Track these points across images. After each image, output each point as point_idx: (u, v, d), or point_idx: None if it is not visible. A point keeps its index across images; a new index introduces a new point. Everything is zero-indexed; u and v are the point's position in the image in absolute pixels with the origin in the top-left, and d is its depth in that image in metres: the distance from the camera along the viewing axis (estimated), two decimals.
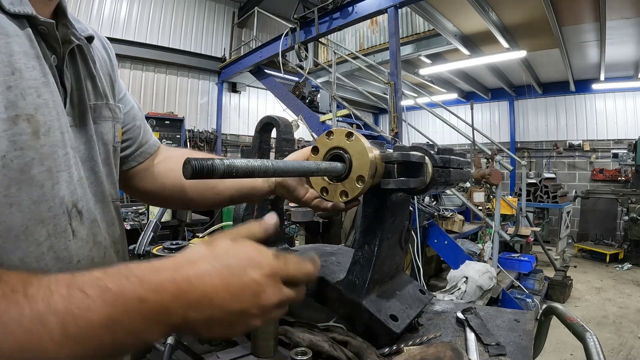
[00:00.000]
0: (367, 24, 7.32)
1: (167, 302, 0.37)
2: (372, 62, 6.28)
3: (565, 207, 6.83)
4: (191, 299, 0.38)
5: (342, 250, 1.09)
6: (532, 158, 9.55)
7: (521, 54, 6.53)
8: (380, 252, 0.80)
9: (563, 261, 6.09)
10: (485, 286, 3.55)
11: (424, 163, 0.69)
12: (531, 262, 4.95)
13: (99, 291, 0.35)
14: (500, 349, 0.77)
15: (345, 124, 6.45)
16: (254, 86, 9.15)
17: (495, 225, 4.26)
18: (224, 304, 0.39)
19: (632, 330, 4.09)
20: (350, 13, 5.23)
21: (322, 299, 0.86)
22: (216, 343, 0.80)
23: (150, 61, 7.83)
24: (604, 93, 8.56)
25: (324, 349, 0.73)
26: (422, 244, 4.25)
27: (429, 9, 5.43)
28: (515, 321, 0.91)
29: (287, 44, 6.16)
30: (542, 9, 4.95)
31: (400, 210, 0.84)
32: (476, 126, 5.39)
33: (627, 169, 7.96)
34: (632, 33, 5.87)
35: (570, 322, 0.76)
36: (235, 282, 0.40)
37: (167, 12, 8.11)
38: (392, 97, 4.64)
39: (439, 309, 0.99)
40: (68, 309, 0.33)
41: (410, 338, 0.82)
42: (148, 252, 1.07)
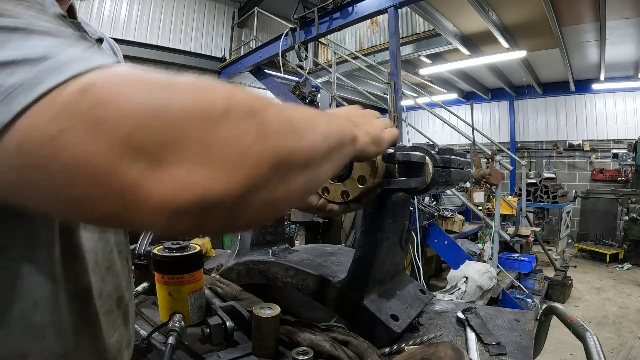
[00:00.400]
0: (367, 24, 7.32)
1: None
2: (372, 62, 6.28)
3: (565, 207, 6.83)
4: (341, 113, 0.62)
5: (342, 250, 1.10)
6: (532, 158, 9.55)
7: (521, 54, 6.53)
8: (380, 252, 0.80)
9: (563, 261, 6.09)
10: (485, 286, 3.56)
11: (424, 163, 0.69)
12: (531, 262, 4.95)
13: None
14: (501, 349, 0.77)
15: None
16: (254, 86, 9.12)
17: (495, 225, 4.26)
18: (355, 110, 0.63)
19: (632, 330, 4.09)
20: (350, 13, 5.23)
21: (322, 298, 0.87)
22: (217, 343, 0.80)
23: (150, 61, 7.82)
24: (604, 93, 8.55)
25: (324, 348, 0.73)
26: (422, 244, 4.25)
27: (429, 9, 5.43)
28: (516, 321, 0.91)
29: (287, 44, 6.16)
30: (542, 9, 4.95)
31: (401, 210, 0.84)
32: (476, 126, 5.39)
33: (627, 169, 7.95)
34: (632, 33, 5.87)
35: (570, 322, 0.77)
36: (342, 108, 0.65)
37: (167, 12, 8.11)
38: (392, 97, 4.64)
39: (439, 309, 0.99)
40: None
41: (411, 338, 0.82)
42: (149, 251, 1.08)
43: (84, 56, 0.31)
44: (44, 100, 0.28)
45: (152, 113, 0.28)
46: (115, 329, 0.57)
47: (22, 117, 0.28)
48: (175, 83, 0.31)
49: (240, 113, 0.32)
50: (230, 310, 0.87)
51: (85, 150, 0.27)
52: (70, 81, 0.29)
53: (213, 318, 0.82)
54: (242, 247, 1.06)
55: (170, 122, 0.29)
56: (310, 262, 0.94)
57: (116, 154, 0.27)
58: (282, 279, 0.93)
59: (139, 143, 0.27)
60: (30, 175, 0.28)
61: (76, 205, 0.29)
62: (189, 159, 0.29)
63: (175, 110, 0.29)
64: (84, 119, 0.27)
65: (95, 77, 0.29)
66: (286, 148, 0.35)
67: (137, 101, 0.28)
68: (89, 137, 0.27)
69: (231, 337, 0.81)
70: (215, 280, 1.02)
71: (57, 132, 0.27)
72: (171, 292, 0.84)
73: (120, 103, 0.28)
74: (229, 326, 0.80)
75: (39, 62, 0.29)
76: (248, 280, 1.01)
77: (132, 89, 0.29)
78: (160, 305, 0.86)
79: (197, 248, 0.87)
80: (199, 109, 0.30)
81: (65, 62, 0.30)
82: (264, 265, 0.97)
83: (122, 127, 0.27)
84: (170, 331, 0.74)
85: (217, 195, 0.30)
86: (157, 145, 0.28)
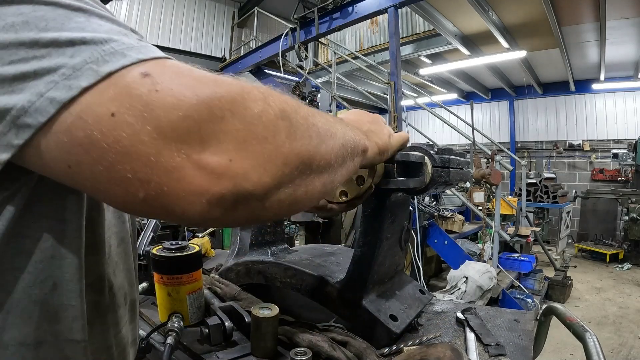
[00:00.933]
0: (367, 24, 7.32)
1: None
2: (372, 62, 6.27)
3: (565, 207, 6.82)
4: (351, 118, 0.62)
5: (341, 250, 1.09)
6: (532, 158, 9.55)
7: (521, 54, 6.53)
8: (379, 252, 0.80)
9: (563, 261, 6.09)
10: (485, 286, 3.55)
11: (423, 163, 0.69)
12: (531, 262, 4.94)
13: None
14: (500, 349, 0.77)
15: None
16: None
17: (495, 225, 4.26)
18: (364, 116, 0.64)
19: (632, 330, 4.09)
20: (350, 13, 5.23)
21: (321, 299, 0.86)
22: (216, 343, 0.80)
23: None
24: (604, 93, 8.55)
25: (323, 349, 0.73)
26: (422, 244, 4.25)
27: (429, 9, 5.43)
28: (515, 321, 0.91)
29: (287, 44, 6.16)
30: (542, 9, 4.95)
31: (400, 210, 0.84)
32: (476, 126, 5.38)
33: (627, 169, 7.95)
34: (632, 33, 5.87)
35: (570, 322, 0.76)
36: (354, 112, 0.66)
37: (167, 12, 8.11)
38: (392, 97, 4.64)
39: (438, 309, 0.99)
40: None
41: (410, 338, 0.82)
42: (148, 252, 1.07)
43: (140, 45, 0.33)
44: (110, 80, 0.30)
45: (200, 105, 0.31)
46: (123, 325, 0.56)
47: (86, 93, 0.30)
48: (220, 80, 0.34)
49: (275, 114, 0.35)
50: (229, 310, 0.86)
51: (139, 130, 0.29)
52: (134, 65, 0.31)
53: (212, 318, 0.82)
54: (241, 247, 1.06)
55: (215, 114, 0.31)
56: (310, 263, 0.94)
57: (164, 139, 0.29)
58: (281, 279, 0.93)
59: (186, 131, 0.30)
60: (84, 149, 0.30)
61: (121, 184, 0.31)
62: (229, 150, 0.32)
63: (221, 104, 0.32)
64: (142, 102, 0.29)
65: (153, 65, 0.32)
66: (310, 151, 0.38)
67: (188, 93, 0.31)
68: (144, 119, 0.29)
69: (230, 338, 0.81)
70: (214, 280, 1.02)
71: (116, 109, 0.29)
72: (170, 292, 0.84)
73: (173, 92, 0.30)
74: (227, 326, 0.80)
75: (104, 44, 0.31)
76: (247, 281, 1.01)
77: (184, 81, 0.32)
78: (159, 305, 0.86)
79: (196, 248, 0.87)
80: (241, 105, 0.33)
81: (128, 47, 0.32)
82: (263, 265, 0.97)
83: (173, 114, 0.30)
84: (169, 331, 0.74)
85: (251, 186, 0.33)
86: (202, 135, 0.31)
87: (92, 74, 0.30)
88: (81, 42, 0.31)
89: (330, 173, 0.43)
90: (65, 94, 0.30)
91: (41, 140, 0.31)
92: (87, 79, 0.30)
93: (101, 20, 0.34)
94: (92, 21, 0.33)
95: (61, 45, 0.30)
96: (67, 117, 0.30)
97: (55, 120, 0.30)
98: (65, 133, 0.30)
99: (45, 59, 0.30)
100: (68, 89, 0.30)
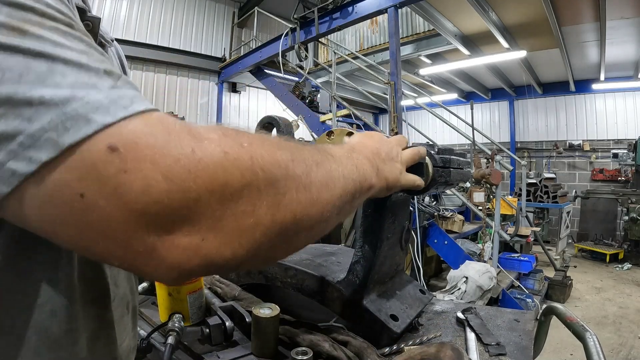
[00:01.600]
0: (367, 24, 7.32)
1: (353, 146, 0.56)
2: (372, 62, 6.27)
3: (565, 207, 6.82)
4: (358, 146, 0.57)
5: (342, 250, 1.09)
6: (532, 158, 9.55)
7: (521, 54, 6.52)
8: (380, 252, 0.80)
9: (563, 261, 6.09)
10: (485, 286, 3.55)
11: (424, 163, 0.69)
12: (531, 262, 4.94)
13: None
14: (500, 349, 0.77)
15: (345, 124, 6.45)
16: (254, 86, 9.15)
17: (495, 225, 4.26)
18: (383, 145, 0.61)
19: (632, 330, 4.09)
20: (350, 13, 5.23)
21: (322, 298, 0.86)
22: (216, 343, 0.80)
23: (150, 61, 7.82)
24: (604, 93, 8.55)
25: (324, 348, 0.73)
26: (422, 244, 4.25)
27: (429, 9, 5.43)
28: (515, 321, 0.91)
29: (287, 44, 6.16)
30: (542, 9, 4.95)
31: (400, 210, 0.84)
32: (476, 126, 5.39)
33: (627, 169, 7.95)
34: (632, 33, 5.87)
35: (570, 322, 0.77)
36: (374, 137, 0.63)
37: (167, 12, 8.10)
38: (392, 97, 4.64)
39: (439, 309, 0.99)
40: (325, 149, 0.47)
41: (411, 338, 0.82)
42: None
43: (113, 97, 0.30)
44: (73, 156, 0.28)
45: (172, 190, 0.29)
46: (126, 334, 0.55)
47: (50, 168, 0.27)
48: (201, 151, 0.31)
49: (260, 185, 0.33)
50: (229, 310, 0.86)
51: (109, 214, 0.28)
52: (99, 135, 0.28)
53: (212, 318, 0.82)
54: None
55: (189, 198, 0.30)
56: (310, 262, 0.94)
57: (135, 223, 0.28)
58: (282, 279, 0.93)
59: (156, 216, 0.29)
60: (57, 224, 0.29)
61: (95, 255, 0.31)
62: (201, 230, 0.31)
63: (197, 185, 0.30)
64: (110, 184, 0.28)
65: (124, 133, 0.29)
66: (296, 216, 0.36)
67: (158, 176, 0.29)
68: (114, 204, 0.28)
69: (230, 337, 0.81)
70: (214, 280, 1.02)
71: (85, 190, 0.28)
72: (171, 292, 0.84)
73: (143, 174, 0.28)
74: (228, 326, 0.80)
75: (65, 105, 0.28)
76: (248, 280, 1.01)
77: (156, 157, 0.29)
78: (159, 305, 0.86)
79: None
80: (220, 184, 0.31)
81: (92, 108, 0.28)
82: None
83: (142, 200, 0.28)
84: (170, 331, 0.74)
85: (223, 261, 0.33)
86: (174, 217, 0.30)
87: (52, 146, 0.27)
88: (39, 102, 0.27)
89: (321, 225, 0.40)
90: (26, 168, 0.27)
91: (8, 206, 0.29)
92: (47, 152, 0.27)
93: (66, 67, 0.29)
94: (55, 70, 0.28)
95: (18, 104, 0.27)
96: (34, 191, 0.28)
97: (20, 191, 0.28)
98: (34, 206, 0.28)
99: (1, 122, 0.27)
100: (28, 162, 0.27)
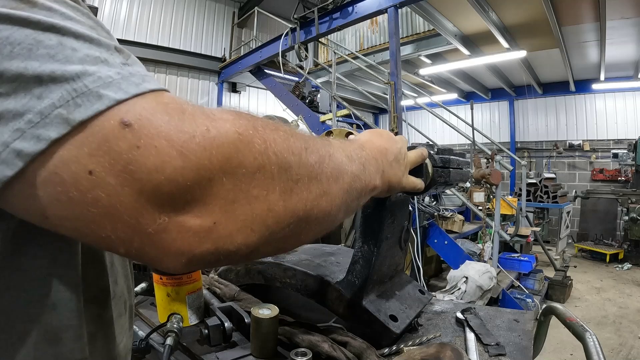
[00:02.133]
0: (367, 24, 7.32)
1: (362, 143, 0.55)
2: (372, 62, 6.27)
3: (565, 207, 6.82)
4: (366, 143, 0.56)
5: (341, 251, 1.09)
6: (532, 158, 9.55)
7: (521, 54, 6.52)
8: (379, 252, 0.80)
9: (563, 261, 6.09)
10: (485, 286, 3.55)
11: (423, 163, 0.69)
12: (531, 262, 4.95)
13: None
14: (500, 349, 0.77)
15: (345, 124, 6.44)
16: (254, 86, 9.15)
17: (495, 225, 4.26)
18: (392, 145, 0.60)
19: (632, 330, 4.09)
20: (350, 13, 5.22)
21: (321, 299, 0.86)
22: (215, 344, 0.80)
23: (150, 61, 7.82)
24: (604, 93, 8.54)
25: (323, 349, 0.73)
26: (422, 244, 4.25)
27: (429, 9, 5.43)
28: (515, 321, 0.91)
29: (287, 44, 6.16)
30: (542, 9, 4.95)
31: (400, 210, 0.84)
32: (476, 126, 5.39)
33: (627, 169, 7.94)
34: (632, 33, 5.87)
35: (569, 322, 0.76)
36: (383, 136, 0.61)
37: (167, 12, 8.11)
38: (392, 97, 4.64)
39: (438, 309, 0.99)
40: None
41: (410, 338, 0.82)
42: None
43: (122, 76, 0.29)
44: (84, 131, 0.27)
45: (186, 168, 0.28)
46: (124, 334, 0.55)
47: (58, 145, 0.26)
48: (215, 129, 0.30)
49: (273, 170, 0.32)
50: (228, 311, 0.86)
51: (119, 192, 0.27)
52: (111, 111, 0.27)
53: (211, 319, 0.82)
54: None
55: (203, 177, 0.28)
56: (309, 263, 0.94)
57: (146, 202, 0.27)
58: (281, 280, 0.93)
59: (169, 195, 0.28)
60: (62, 206, 0.28)
61: (101, 240, 0.29)
62: (214, 212, 0.29)
63: (211, 164, 0.29)
64: (121, 160, 0.27)
65: (137, 109, 0.28)
66: (307, 207, 0.35)
67: (173, 152, 0.27)
68: (124, 180, 0.27)
69: (230, 338, 0.81)
70: (213, 280, 1.02)
71: (94, 167, 0.26)
72: (169, 292, 0.84)
73: (157, 150, 0.27)
74: (227, 327, 0.80)
75: (76, 81, 0.27)
76: (247, 281, 1.01)
77: (171, 133, 0.28)
78: (158, 305, 0.86)
79: None
80: (235, 162, 0.30)
81: (104, 83, 0.28)
82: (262, 265, 0.97)
83: (155, 177, 0.27)
84: (169, 332, 0.74)
85: (234, 248, 0.31)
86: (187, 198, 0.28)
87: (62, 122, 0.26)
88: (49, 78, 0.26)
89: (329, 219, 0.40)
90: (34, 147, 0.26)
91: (10, 193, 0.28)
92: (57, 129, 0.26)
93: (77, 41, 0.28)
94: (66, 44, 0.28)
95: (27, 81, 0.26)
96: (40, 172, 0.27)
97: (25, 173, 0.27)
98: (39, 187, 0.27)
99: (10, 99, 0.26)
100: (36, 141, 0.26)
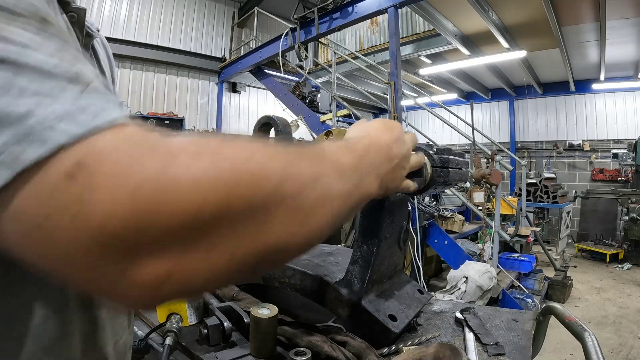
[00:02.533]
0: (367, 24, 7.32)
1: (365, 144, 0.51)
2: (372, 62, 6.27)
3: (565, 207, 6.82)
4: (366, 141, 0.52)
5: (340, 250, 1.09)
6: (532, 158, 9.55)
7: (521, 54, 6.52)
8: (378, 252, 0.80)
9: (563, 261, 6.09)
10: (485, 286, 3.55)
11: (423, 164, 0.69)
12: (531, 262, 4.95)
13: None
14: (499, 349, 0.77)
15: (345, 124, 6.44)
16: (254, 86, 9.15)
17: (495, 225, 4.26)
18: (391, 141, 0.55)
19: (632, 330, 4.09)
20: (350, 13, 5.23)
21: (320, 299, 0.86)
22: (214, 344, 0.80)
23: (150, 61, 7.83)
24: (604, 93, 8.55)
25: (322, 349, 0.73)
26: (422, 244, 4.25)
27: (429, 9, 5.43)
28: (514, 321, 0.91)
29: (287, 44, 6.16)
30: (542, 9, 4.95)
31: (399, 210, 0.84)
32: (476, 126, 5.39)
33: (627, 169, 7.94)
34: (632, 33, 5.87)
35: (568, 322, 0.76)
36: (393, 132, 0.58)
37: (167, 12, 8.11)
38: (392, 97, 4.64)
39: (437, 309, 0.99)
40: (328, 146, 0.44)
41: (409, 338, 0.82)
42: None
43: (77, 108, 0.27)
44: (30, 181, 0.25)
45: (142, 207, 0.25)
46: (123, 331, 0.56)
47: (8, 188, 0.25)
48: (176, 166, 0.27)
49: (238, 217, 0.29)
50: (227, 310, 0.86)
51: (72, 241, 0.25)
52: (57, 156, 0.25)
53: (211, 319, 0.82)
54: None
55: (160, 220, 0.26)
56: (308, 262, 0.94)
57: (102, 248, 0.26)
58: (280, 280, 0.93)
59: (124, 239, 0.26)
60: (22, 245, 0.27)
61: (64, 280, 0.29)
62: (173, 257, 0.27)
63: (167, 208, 0.26)
64: (70, 212, 0.25)
65: (86, 151, 0.26)
66: (280, 241, 0.31)
67: (125, 198, 0.25)
68: (75, 230, 0.25)
69: (229, 338, 0.81)
70: None
71: (44, 218, 0.25)
72: None
73: (109, 194, 0.25)
74: (226, 327, 0.80)
75: (21, 122, 0.25)
76: (246, 281, 1.01)
77: (124, 174, 0.26)
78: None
79: None
80: (191, 212, 0.27)
81: (49, 126, 0.26)
82: None
83: (110, 221, 0.25)
84: (168, 332, 0.74)
85: (197, 287, 0.30)
86: (144, 241, 0.26)
87: (7, 168, 0.25)
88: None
89: (309, 245, 0.38)
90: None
91: None
92: (3, 174, 0.25)
93: (31, 74, 0.27)
94: (20, 76, 0.26)
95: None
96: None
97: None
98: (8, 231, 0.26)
99: None
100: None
